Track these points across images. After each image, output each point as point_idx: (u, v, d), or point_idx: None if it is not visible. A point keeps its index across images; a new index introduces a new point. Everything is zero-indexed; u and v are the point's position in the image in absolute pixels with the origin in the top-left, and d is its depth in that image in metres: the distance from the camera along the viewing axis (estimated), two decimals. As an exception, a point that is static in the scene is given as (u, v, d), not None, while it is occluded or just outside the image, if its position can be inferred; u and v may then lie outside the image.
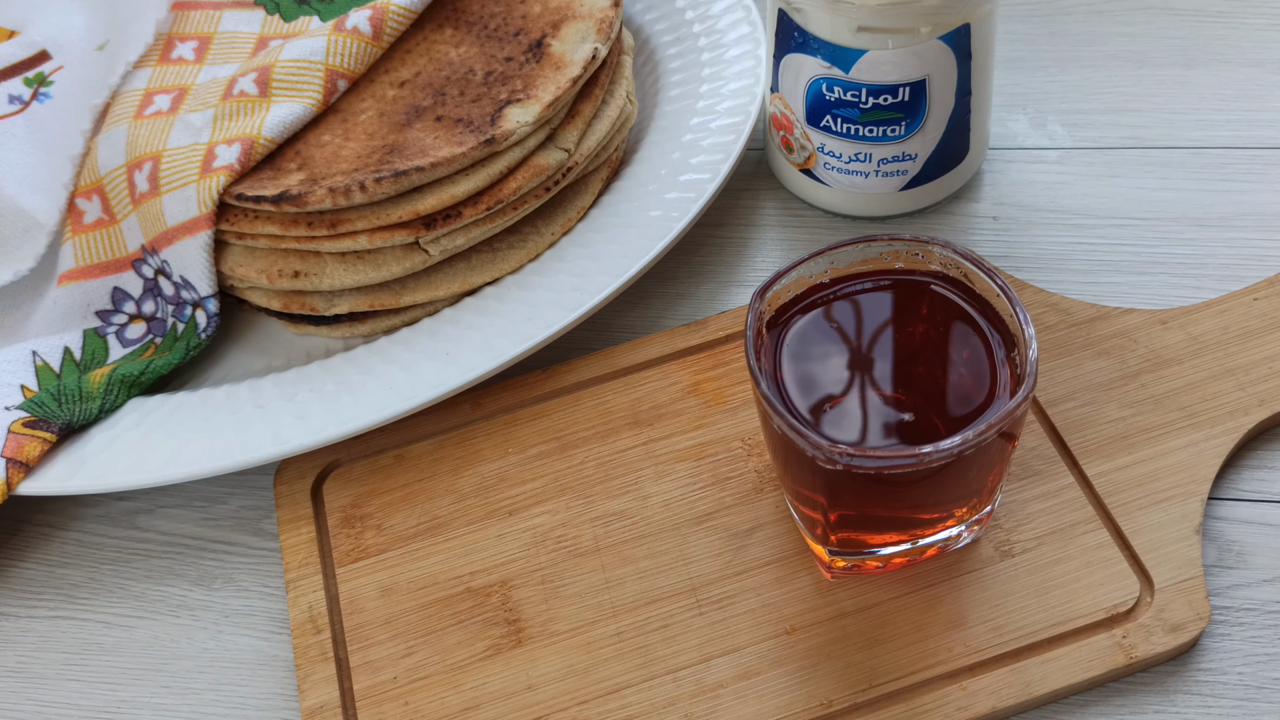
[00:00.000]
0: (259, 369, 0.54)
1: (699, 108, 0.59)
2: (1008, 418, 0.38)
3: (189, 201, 0.52)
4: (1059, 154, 0.60)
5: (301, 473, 0.50)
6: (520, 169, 0.53)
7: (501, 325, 0.51)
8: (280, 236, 0.52)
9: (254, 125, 0.54)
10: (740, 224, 0.59)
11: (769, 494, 0.47)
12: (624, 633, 0.44)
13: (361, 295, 0.53)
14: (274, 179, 0.52)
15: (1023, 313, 0.40)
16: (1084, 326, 0.50)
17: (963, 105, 0.54)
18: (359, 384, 0.50)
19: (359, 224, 0.51)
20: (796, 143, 0.57)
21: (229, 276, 0.54)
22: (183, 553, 0.50)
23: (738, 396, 0.50)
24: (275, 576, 0.49)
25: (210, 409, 0.50)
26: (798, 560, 0.45)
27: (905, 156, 0.55)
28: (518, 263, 0.54)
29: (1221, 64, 0.63)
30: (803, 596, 0.44)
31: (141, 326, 0.55)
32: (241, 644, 0.47)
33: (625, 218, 0.55)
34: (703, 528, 0.46)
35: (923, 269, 0.44)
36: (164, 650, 0.47)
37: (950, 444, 0.38)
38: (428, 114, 0.54)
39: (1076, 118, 0.62)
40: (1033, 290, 0.51)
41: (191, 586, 0.49)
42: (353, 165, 0.52)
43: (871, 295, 0.44)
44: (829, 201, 0.58)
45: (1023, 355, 0.40)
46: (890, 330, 0.43)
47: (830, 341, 0.43)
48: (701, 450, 0.49)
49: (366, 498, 0.49)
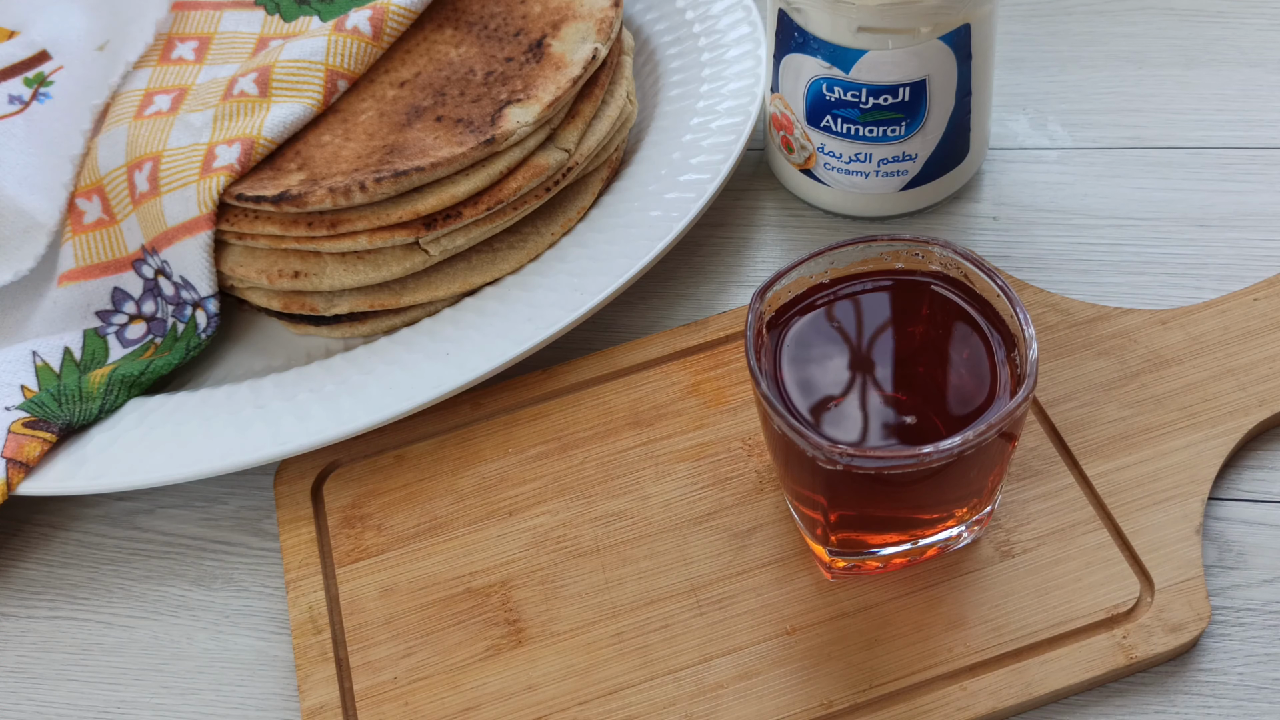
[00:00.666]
0: (259, 369, 0.54)
1: (699, 108, 0.59)
2: (1008, 418, 0.38)
3: (189, 201, 0.52)
4: (1059, 154, 0.60)
5: (301, 473, 0.50)
6: (520, 169, 0.53)
7: (501, 325, 0.51)
8: (280, 236, 0.52)
9: (254, 125, 0.54)
10: (740, 224, 0.59)
11: (769, 494, 0.47)
12: (624, 633, 0.44)
13: (361, 295, 0.53)
14: (274, 179, 0.52)
15: (1023, 313, 0.40)
16: (1084, 327, 0.50)
17: (963, 105, 0.54)
18: (359, 384, 0.50)
19: (359, 224, 0.51)
20: (797, 143, 0.57)
21: (229, 276, 0.54)
22: (183, 553, 0.50)
23: (738, 396, 0.50)
24: (275, 577, 0.49)
25: (210, 409, 0.50)
26: (798, 560, 0.45)
27: (905, 157, 0.55)
28: (518, 263, 0.54)
29: (1221, 64, 0.63)
30: (803, 597, 0.44)
31: (141, 327, 0.55)
32: (241, 644, 0.47)
33: (625, 218, 0.55)
34: (703, 528, 0.46)
35: (923, 269, 0.44)
36: (164, 650, 0.47)
37: (950, 444, 0.38)
38: (428, 114, 0.54)
39: (1076, 118, 0.62)
40: (1033, 290, 0.51)
41: (191, 587, 0.49)
42: (353, 165, 0.52)
43: (872, 295, 0.44)
44: (829, 202, 0.58)
45: (1023, 355, 0.40)
46: (890, 330, 0.43)
47: (830, 342, 0.43)
48: (701, 450, 0.49)
49: (366, 498, 0.49)
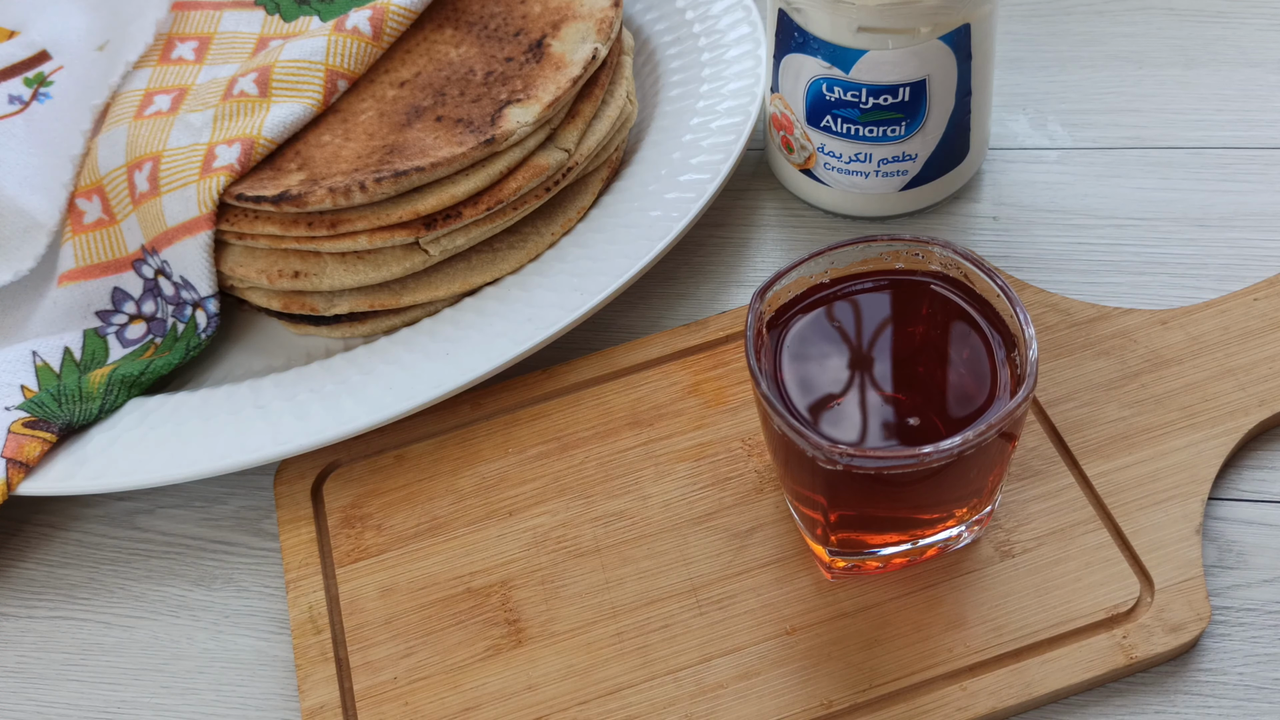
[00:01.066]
0: (259, 369, 0.54)
1: (699, 108, 0.59)
2: (1008, 418, 0.38)
3: (189, 201, 0.52)
4: (1059, 154, 0.60)
5: (301, 473, 0.50)
6: (520, 169, 0.53)
7: (501, 325, 0.51)
8: (280, 237, 0.52)
9: (254, 125, 0.54)
10: (740, 224, 0.59)
11: (769, 494, 0.47)
12: (624, 633, 0.44)
13: (361, 295, 0.53)
14: (274, 179, 0.52)
15: (1023, 313, 0.40)
16: (1084, 327, 0.50)
17: (963, 105, 0.54)
18: (359, 384, 0.50)
19: (359, 224, 0.51)
20: (797, 143, 0.57)
21: (229, 276, 0.54)
22: (183, 553, 0.50)
23: (738, 396, 0.50)
24: (275, 577, 0.49)
25: (210, 409, 0.50)
26: (798, 560, 0.45)
27: (905, 156, 0.55)
28: (518, 263, 0.54)
29: (1221, 64, 0.63)
30: (803, 597, 0.44)
31: (141, 327, 0.55)
32: (241, 644, 0.47)
33: (625, 218, 0.55)
34: (703, 528, 0.46)
35: (923, 269, 0.44)
36: (164, 650, 0.47)
37: (950, 444, 0.38)
38: (428, 114, 0.54)
39: (1077, 118, 0.62)
40: (1033, 290, 0.51)
41: (191, 587, 0.49)
42: (353, 165, 0.52)
43: (872, 295, 0.44)
44: (829, 202, 0.58)
45: (1023, 355, 0.40)
46: (890, 330, 0.43)
47: (830, 342, 0.43)
48: (701, 450, 0.49)
49: (366, 498, 0.49)
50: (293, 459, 0.50)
